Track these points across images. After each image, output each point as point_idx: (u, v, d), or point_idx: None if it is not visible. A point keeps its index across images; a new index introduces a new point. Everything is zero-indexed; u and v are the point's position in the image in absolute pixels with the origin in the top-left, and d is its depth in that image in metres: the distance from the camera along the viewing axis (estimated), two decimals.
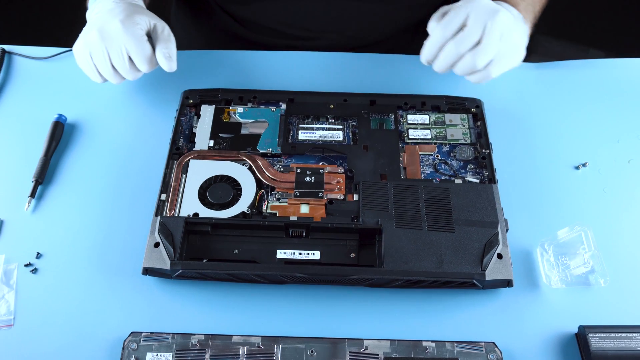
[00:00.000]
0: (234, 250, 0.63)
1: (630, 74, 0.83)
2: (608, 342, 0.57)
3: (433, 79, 0.82)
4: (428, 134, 0.73)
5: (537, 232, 0.67)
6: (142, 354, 0.56)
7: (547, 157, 0.74)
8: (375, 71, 0.83)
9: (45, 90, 0.79)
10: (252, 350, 0.57)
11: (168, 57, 0.70)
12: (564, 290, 0.63)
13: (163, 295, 0.62)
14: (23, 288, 0.62)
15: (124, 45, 0.68)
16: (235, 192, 0.67)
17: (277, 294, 0.62)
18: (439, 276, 0.60)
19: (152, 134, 0.75)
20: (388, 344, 0.58)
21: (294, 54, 0.85)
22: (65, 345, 0.59)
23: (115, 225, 0.67)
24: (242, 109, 0.75)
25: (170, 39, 0.71)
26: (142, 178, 0.71)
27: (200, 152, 0.70)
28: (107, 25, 0.68)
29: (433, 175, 0.69)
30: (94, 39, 0.68)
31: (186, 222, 0.63)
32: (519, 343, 0.59)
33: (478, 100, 0.76)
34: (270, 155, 0.71)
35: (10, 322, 0.60)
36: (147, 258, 0.61)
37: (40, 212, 0.68)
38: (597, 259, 0.63)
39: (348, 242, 0.64)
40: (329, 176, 0.68)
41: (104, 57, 0.68)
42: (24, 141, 0.74)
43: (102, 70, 0.70)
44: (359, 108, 0.75)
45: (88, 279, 0.63)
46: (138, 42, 0.68)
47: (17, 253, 0.65)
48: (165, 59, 0.70)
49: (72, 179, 0.71)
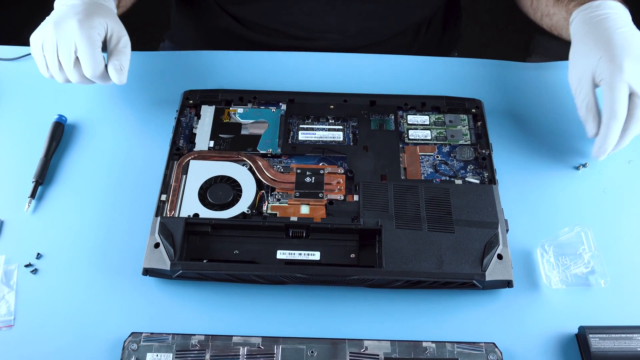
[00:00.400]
0: (234, 251, 0.63)
1: None
2: (608, 343, 0.57)
3: (433, 80, 0.82)
4: (428, 134, 0.73)
5: (537, 233, 0.67)
6: (142, 355, 0.56)
7: (547, 158, 0.74)
8: (376, 72, 0.83)
9: (45, 90, 0.79)
10: (252, 351, 0.57)
11: (119, 69, 0.68)
12: (564, 290, 0.63)
13: (163, 295, 0.62)
14: (23, 288, 0.62)
15: (74, 43, 0.66)
16: (236, 192, 0.67)
17: (277, 295, 0.62)
18: (439, 277, 0.60)
19: (152, 134, 0.75)
20: (388, 344, 0.58)
21: (294, 54, 0.85)
22: (65, 345, 0.59)
23: (115, 226, 0.67)
24: (242, 109, 0.75)
25: (124, 51, 0.69)
26: (142, 178, 0.71)
27: (201, 152, 0.70)
28: (64, 20, 0.66)
29: (433, 175, 0.69)
30: (48, 30, 0.66)
31: (186, 223, 0.63)
32: (519, 344, 0.59)
33: (478, 100, 0.76)
34: (270, 155, 0.71)
35: (10, 322, 0.60)
36: (147, 258, 0.61)
37: (40, 212, 0.68)
38: (597, 260, 0.63)
39: (348, 243, 0.64)
40: (329, 177, 0.68)
41: (53, 50, 0.66)
42: (24, 142, 0.74)
43: (49, 63, 0.68)
44: (359, 109, 0.75)
45: (88, 280, 0.63)
46: (90, 45, 0.66)
47: (17, 253, 0.65)
48: (115, 71, 0.68)
49: (73, 179, 0.71)
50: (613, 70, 0.65)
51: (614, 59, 0.65)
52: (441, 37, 1.01)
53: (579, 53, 0.70)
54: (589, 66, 0.67)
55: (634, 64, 0.65)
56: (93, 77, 0.68)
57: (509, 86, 0.81)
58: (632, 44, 0.66)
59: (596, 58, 0.66)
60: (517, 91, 0.81)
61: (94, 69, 0.67)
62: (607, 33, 0.67)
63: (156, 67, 0.80)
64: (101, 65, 0.67)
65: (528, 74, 0.83)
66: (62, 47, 0.66)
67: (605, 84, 0.65)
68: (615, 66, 0.65)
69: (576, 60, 0.70)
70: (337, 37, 0.91)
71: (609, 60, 0.65)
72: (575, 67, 0.70)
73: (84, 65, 0.67)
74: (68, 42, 0.66)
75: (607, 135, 0.66)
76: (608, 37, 0.67)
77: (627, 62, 0.65)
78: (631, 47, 0.66)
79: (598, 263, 0.63)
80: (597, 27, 0.69)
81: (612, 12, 0.69)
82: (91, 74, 0.67)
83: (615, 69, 0.65)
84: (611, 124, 0.65)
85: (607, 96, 0.65)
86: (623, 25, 0.68)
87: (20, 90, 0.80)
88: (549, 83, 0.82)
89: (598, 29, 0.68)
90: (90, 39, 0.66)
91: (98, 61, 0.67)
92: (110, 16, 0.70)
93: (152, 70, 0.74)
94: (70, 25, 0.66)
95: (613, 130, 0.65)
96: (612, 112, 0.65)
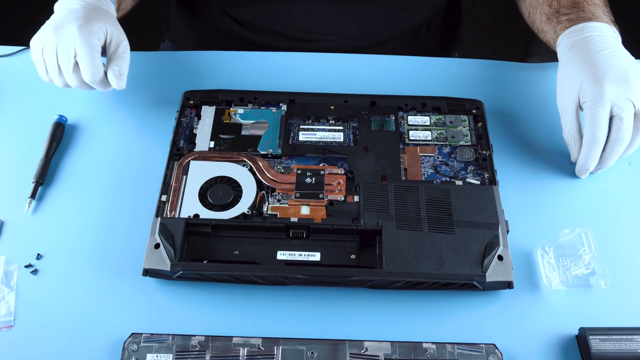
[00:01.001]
0: (234, 252, 0.63)
1: None
2: (609, 344, 0.57)
3: (434, 81, 0.82)
4: (429, 135, 0.73)
5: (537, 234, 0.67)
6: (143, 355, 0.56)
7: (548, 159, 0.74)
8: (376, 72, 0.83)
9: (45, 91, 0.79)
10: (252, 352, 0.57)
11: (118, 74, 0.68)
12: (565, 292, 0.63)
13: (163, 296, 0.62)
14: (23, 289, 0.62)
15: (74, 48, 0.66)
16: (236, 193, 0.67)
17: (278, 295, 0.62)
18: (439, 277, 0.60)
19: (152, 135, 0.75)
20: (388, 345, 0.58)
21: (294, 55, 0.85)
22: (65, 346, 0.59)
23: (115, 226, 0.67)
24: (242, 110, 0.75)
25: (123, 57, 0.69)
26: (143, 179, 0.71)
27: (201, 153, 0.70)
28: (64, 25, 0.67)
29: (433, 176, 0.69)
30: (48, 35, 0.67)
31: (186, 223, 0.63)
32: (520, 345, 0.59)
33: (479, 101, 0.76)
34: (270, 156, 0.70)
35: (10, 323, 0.60)
36: (147, 259, 0.61)
37: (40, 213, 0.68)
38: (598, 261, 0.63)
39: (348, 244, 0.64)
40: (330, 177, 0.68)
41: (53, 54, 0.67)
42: (24, 142, 0.74)
43: (49, 67, 0.68)
44: (359, 109, 0.75)
45: (88, 280, 0.63)
46: (89, 50, 0.66)
47: (18, 254, 0.64)
48: (115, 76, 0.68)
49: (73, 180, 0.71)
50: (594, 93, 0.66)
51: (595, 82, 0.66)
52: (441, 38, 1.01)
53: (563, 78, 0.71)
54: (573, 90, 0.68)
55: (614, 86, 0.65)
56: (92, 83, 0.68)
57: (509, 87, 0.81)
58: (613, 65, 0.67)
59: (579, 82, 0.68)
60: (518, 92, 0.81)
61: (93, 74, 0.67)
62: (589, 56, 0.68)
63: (156, 68, 0.80)
64: (100, 70, 0.68)
65: (529, 74, 0.83)
66: (61, 52, 0.66)
67: (587, 107, 0.66)
68: (596, 89, 0.66)
69: (562, 85, 0.71)
70: (337, 38, 0.91)
71: (590, 83, 0.66)
72: (561, 91, 0.71)
73: (83, 71, 0.67)
74: (67, 47, 0.66)
75: (587, 157, 0.68)
76: (590, 60, 0.68)
77: (608, 85, 0.65)
78: (612, 69, 0.67)
79: (598, 264, 0.63)
80: (580, 51, 0.69)
81: (597, 34, 0.70)
82: (90, 79, 0.67)
83: (597, 92, 0.66)
84: (591, 147, 0.67)
85: (588, 120, 0.66)
86: (606, 47, 0.69)
87: (21, 90, 0.80)
88: (550, 84, 0.82)
89: (581, 52, 0.69)
90: (89, 44, 0.66)
91: (97, 66, 0.67)
92: (110, 21, 0.70)
93: (152, 71, 0.74)
94: (70, 30, 0.66)
95: (593, 154, 0.67)
96: (592, 137, 0.66)
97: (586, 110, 0.67)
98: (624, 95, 0.65)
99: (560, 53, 0.73)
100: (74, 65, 0.67)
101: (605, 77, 0.66)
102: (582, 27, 0.71)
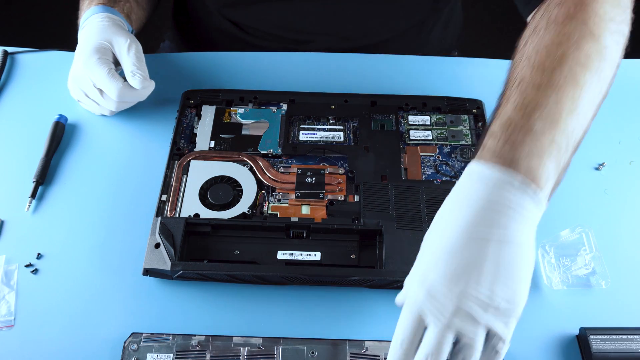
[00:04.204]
0: (234, 251, 0.63)
1: (631, 75, 0.82)
2: (609, 344, 0.57)
3: (434, 80, 0.82)
4: (429, 134, 0.73)
5: (538, 234, 0.66)
6: (143, 355, 0.56)
7: None
8: (376, 72, 0.83)
9: (46, 90, 0.79)
10: (252, 352, 0.57)
11: (131, 75, 0.71)
12: (565, 291, 0.63)
13: (163, 296, 0.62)
14: (23, 289, 0.62)
15: (91, 83, 0.71)
16: (236, 192, 0.67)
17: (278, 295, 0.62)
18: None
19: (152, 134, 0.75)
20: (389, 345, 0.57)
21: (294, 54, 0.85)
22: (65, 346, 0.59)
23: (115, 226, 0.67)
24: (243, 109, 0.75)
25: (132, 56, 0.71)
26: (143, 179, 0.70)
27: (201, 152, 0.70)
28: (75, 69, 0.73)
29: (434, 176, 0.69)
30: (70, 82, 0.74)
31: (187, 223, 0.63)
32: (520, 344, 0.59)
33: (479, 101, 0.76)
34: (271, 156, 0.70)
35: (10, 322, 0.60)
36: (147, 259, 0.61)
37: (40, 212, 0.68)
38: (598, 261, 0.63)
39: (349, 243, 0.64)
40: (330, 177, 0.68)
41: (83, 95, 0.73)
42: (24, 141, 0.74)
43: (91, 107, 0.75)
44: (359, 109, 0.75)
45: (88, 280, 0.63)
46: (99, 73, 0.70)
47: (18, 254, 0.64)
48: (133, 77, 0.71)
49: (73, 179, 0.71)
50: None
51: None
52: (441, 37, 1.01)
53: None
54: None
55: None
56: (119, 97, 0.71)
57: None
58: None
59: None
60: None
61: (114, 88, 0.70)
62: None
63: (157, 68, 0.80)
64: (118, 82, 0.70)
65: None
66: (86, 90, 0.72)
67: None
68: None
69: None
70: (332, 39, 0.91)
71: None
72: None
73: (106, 91, 0.71)
74: (87, 83, 0.71)
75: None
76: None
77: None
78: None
79: (599, 264, 0.63)
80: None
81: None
82: (115, 93, 0.70)
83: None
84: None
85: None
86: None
87: (21, 90, 0.80)
88: None
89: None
90: (98, 67, 0.70)
91: (114, 82, 0.70)
92: (112, 32, 0.73)
93: (152, 71, 0.74)
94: (80, 72, 0.71)
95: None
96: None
97: None
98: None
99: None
100: (100, 92, 0.71)
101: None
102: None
